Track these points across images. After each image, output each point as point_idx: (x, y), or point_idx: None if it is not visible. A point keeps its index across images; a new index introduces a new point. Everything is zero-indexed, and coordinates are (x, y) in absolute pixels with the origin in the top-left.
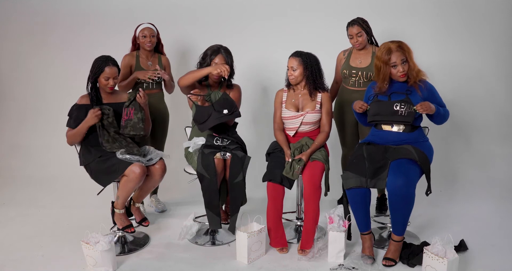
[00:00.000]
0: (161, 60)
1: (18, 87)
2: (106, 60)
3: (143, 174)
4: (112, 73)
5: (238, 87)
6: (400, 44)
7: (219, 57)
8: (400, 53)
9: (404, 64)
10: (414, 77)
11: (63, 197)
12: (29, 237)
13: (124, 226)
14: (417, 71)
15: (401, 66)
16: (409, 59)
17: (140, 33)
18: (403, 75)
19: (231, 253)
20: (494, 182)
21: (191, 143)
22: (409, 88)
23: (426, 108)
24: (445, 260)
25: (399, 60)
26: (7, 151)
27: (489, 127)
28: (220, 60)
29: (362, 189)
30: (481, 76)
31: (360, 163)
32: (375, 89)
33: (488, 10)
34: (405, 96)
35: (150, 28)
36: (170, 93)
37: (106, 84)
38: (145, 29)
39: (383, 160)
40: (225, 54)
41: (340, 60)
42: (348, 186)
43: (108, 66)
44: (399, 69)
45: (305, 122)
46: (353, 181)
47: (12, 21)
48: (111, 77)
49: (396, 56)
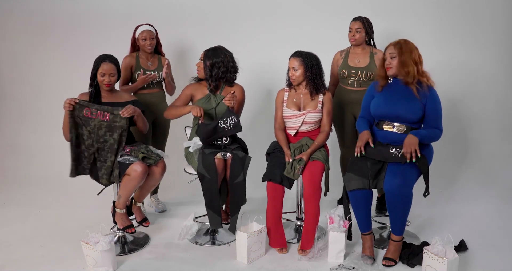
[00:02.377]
0: (161, 60)
1: (18, 87)
2: (104, 57)
3: (145, 172)
4: (108, 70)
5: (241, 89)
6: (401, 42)
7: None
8: (393, 48)
9: (392, 58)
10: (408, 77)
11: (63, 197)
12: (29, 237)
13: (124, 226)
14: (416, 74)
15: (389, 59)
16: (401, 56)
17: (140, 36)
18: (388, 68)
19: (231, 253)
20: (494, 182)
21: (191, 143)
22: (407, 89)
23: (411, 148)
24: (445, 260)
25: (388, 53)
26: (7, 151)
27: (489, 127)
28: (199, 64)
29: (364, 190)
30: (481, 76)
31: (362, 164)
32: (377, 88)
33: (489, 10)
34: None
35: (150, 31)
36: (171, 94)
37: (102, 80)
38: (145, 31)
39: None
40: (205, 57)
41: (337, 60)
42: (351, 188)
43: (105, 62)
44: (387, 62)
45: (306, 122)
46: (355, 183)
47: (12, 21)
48: (107, 74)
49: (390, 50)
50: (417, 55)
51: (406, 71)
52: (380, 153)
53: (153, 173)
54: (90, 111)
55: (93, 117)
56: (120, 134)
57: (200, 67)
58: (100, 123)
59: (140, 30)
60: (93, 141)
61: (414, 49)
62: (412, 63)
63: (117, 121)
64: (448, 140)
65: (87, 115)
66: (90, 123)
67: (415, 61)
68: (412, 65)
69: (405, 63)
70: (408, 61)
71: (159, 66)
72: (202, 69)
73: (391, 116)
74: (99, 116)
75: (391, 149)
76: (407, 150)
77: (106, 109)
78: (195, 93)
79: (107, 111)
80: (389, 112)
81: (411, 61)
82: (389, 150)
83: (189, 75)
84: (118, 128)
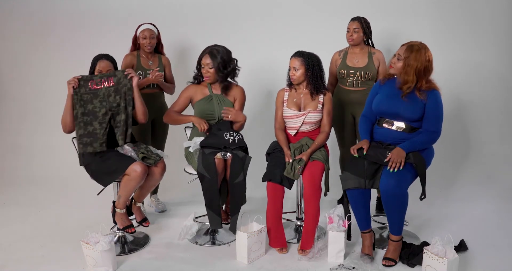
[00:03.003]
0: (161, 60)
1: (18, 87)
2: (100, 56)
3: (145, 172)
4: (104, 67)
5: (242, 90)
6: (415, 48)
7: (205, 57)
8: (404, 50)
9: (398, 60)
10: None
11: (63, 197)
12: (29, 237)
13: (124, 226)
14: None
15: (395, 59)
16: (406, 61)
17: (140, 34)
18: (390, 66)
19: (231, 253)
20: (494, 182)
21: (191, 143)
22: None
23: (396, 160)
24: (445, 260)
25: (397, 53)
26: (7, 151)
27: (489, 127)
28: (205, 60)
29: (361, 189)
30: (481, 76)
31: (359, 164)
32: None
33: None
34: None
35: (151, 30)
36: (171, 93)
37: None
38: (146, 30)
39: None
40: (210, 55)
41: (335, 60)
42: (347, 187)
43: (101, 60)
44: (392, 60)
45: (306, 122)
46: (351, 182)
47: (12, 21)
48: (104, 71)
49: (400, 50)
50: (423, 68)
51: (406, 79)
52: (376, 156)
53: (153, 173)
54: (95, 82)
55: (100, 87)
56: (125, 93)
57: (210, 72)
58: (107, 90)
59: (141, 29)
60: (106, 110)
61: (423, 60)
62: (413, 74)
63: (121, 82)
64: (448, 140)
65: (93, 87)
66: (99, 93)
67: (419, 73)
68: (412, 75)
69: (407, 72)
70: (410, 71)
71: (159, 65)
72: (212, 74)
73: (391, 114)
74: (104, 83)
75: (388, 153)
76: (393, 159)
77: (108, 74)
78: (194, 94)
79: (110, 76)
80: (389, 109)
81: (414, 72)
82: (385, 154)
83: (190, 74)
84: (123, 86)
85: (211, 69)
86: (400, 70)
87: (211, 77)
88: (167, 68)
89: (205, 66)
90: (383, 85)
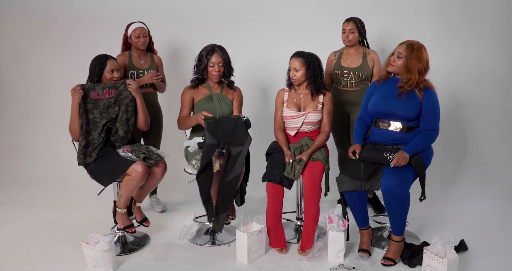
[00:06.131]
0: (153, 59)
1: (18, 87)
2: (105, 55)
3: (146, 172)
4: (115, 66)
5: (239, 90)
6: (415, 46)
7: (215, 56)
8: (404, 48)
9: (399, 58)
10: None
11: (63, 197)
12: (29, 237)
13: (125, 226)
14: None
15: (395, 57)
16: (408, 60)
17: (132, 33)
18: (390, 65)
19: (231, 253)
20: (494, 182)
21: (191, 143)
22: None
23: (401, 162)
24: (445, 260)
25: (397, 51)
26: (7, 151)
27: (489, 126)
28: (217, 59)
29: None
30: (481, 76)
31: (355, 166)
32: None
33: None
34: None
35: (142, 28)
36: (162, 92)
37: (112, 77)
38: (138, 29)
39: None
40: (221, 52)
41: (331, 60)
42: (342, 189)
43: (109, 59)
44: (392, 59)
45: (306, 122)
46: (347, 185)
47: (12, 21)
48: (115, 70)
49: (400, 48)
50: (424, 65)
51: (408, 77)
52: (374, 157)
53: (154, 174)
54: (97, 92)
55: (100, 97)
56: (127, 105)
57: (221, 70)
58: (108, 101)
59: (132, 28)
60: (106, 121)
61: (424, 59)
62: (416, 71)
63: (122, 94)
64: (448, 140)
65: (94, 97)
66: (99, 104)
67: (420, 70)
68: (416, 73)
69: (410, 70)
70: (414, 69)
71: (152, 64)
72: (222, 72)
73: (387, 113)
74: (105, 94)
75: (385, 153)
76: (397, 161)
77: (109, 85)
78: (195, 95)
79: (111, 87)
80: (385, 109)
81: (416, 70)
82: (382, 154)
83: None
84: (124, 99)
85: (222, 67)
86: (401, 68)
87: (221, 75)
88: (160, 68)
89: (215, 65)
90: (379, 86)
